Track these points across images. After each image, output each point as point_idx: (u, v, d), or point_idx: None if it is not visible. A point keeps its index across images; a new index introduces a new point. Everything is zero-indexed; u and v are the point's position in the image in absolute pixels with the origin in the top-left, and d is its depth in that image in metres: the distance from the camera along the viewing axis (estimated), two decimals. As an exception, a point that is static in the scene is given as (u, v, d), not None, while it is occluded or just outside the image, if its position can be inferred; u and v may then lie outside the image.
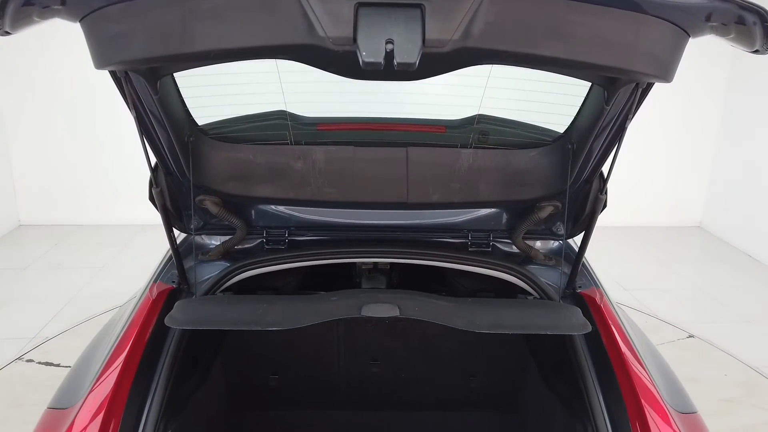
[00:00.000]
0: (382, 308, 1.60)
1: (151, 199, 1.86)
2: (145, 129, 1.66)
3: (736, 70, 6.00)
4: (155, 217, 1.84)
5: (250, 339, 2.39)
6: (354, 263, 2.42)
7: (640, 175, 6.21)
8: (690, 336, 4.20)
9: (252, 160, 1.86)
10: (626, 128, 1.61)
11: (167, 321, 1.61)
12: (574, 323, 1.63)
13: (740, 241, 5.94)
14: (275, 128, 1.86)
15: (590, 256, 2.13)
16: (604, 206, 1.88)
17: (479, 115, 1.84)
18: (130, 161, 5.20)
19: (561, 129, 1.83)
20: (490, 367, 2.49)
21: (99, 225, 6.13)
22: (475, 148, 1.87)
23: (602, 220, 1.93)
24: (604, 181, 1.83)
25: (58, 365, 3.64)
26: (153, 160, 1.80)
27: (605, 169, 1.82)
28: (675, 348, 4.01)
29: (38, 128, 5.90)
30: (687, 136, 6.30)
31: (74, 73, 5.64)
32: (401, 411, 2.55)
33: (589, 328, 1.63)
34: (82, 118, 5.88)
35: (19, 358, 3.74)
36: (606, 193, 1.81)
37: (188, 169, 1.77)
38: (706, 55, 5.90)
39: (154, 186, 1.77)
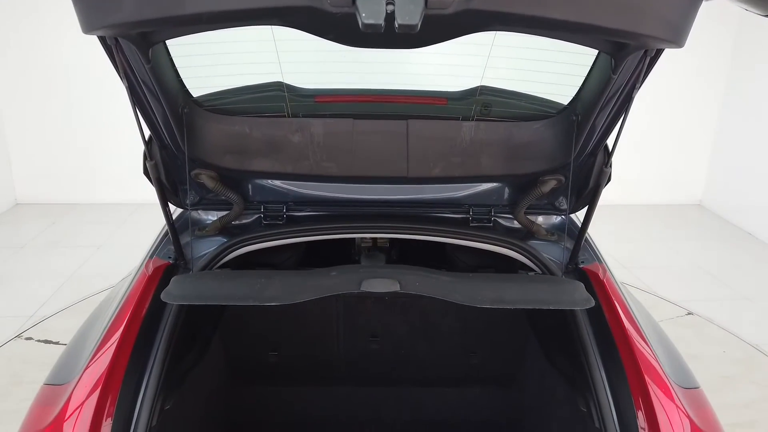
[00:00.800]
0: (382, 283, 1.58)
1: (146, 173, 1.82)
2: (137, 100, 1.61)
3: (738, 45, 5.91)
4: (152, 195, 1.80)
5: (249, 315, 2.37)
6: (353, 240, 2.40)
7: (640, 153, 6.17)
8: (689, 313, 4.21)
9: (248, 133, 1.82)
10: (633, 98, 1.57)
11: (163, 296, 1.58)
12: (577, 298, 1.61)
13: (740, 219, 5.93)
14: (272, 100, 1.81)
15: (590, 233, 2.10)
16: (609, 180, 1.84)
17: (481, 86, 1.79)
18: (126, 140, 5.14)
19: (565, 100, 1.79)
20: (490, 344, 2.48)
21: (96, 203, 6.10)
22: (477, 120, 1.82)
23: (602, 198, 1.90)
24: (608, 154, 1.78)
25: (57, 343, 3.64)
26: (147, 132, 1.75)
27: (610, 141, 1.78)
28: (674, 325, 4.02)
29: (34, 107, 5.83)
30: (688, 114, 6.25)
31: (71, 50, 5.56)
32: (401, 387, 2.55)
33: (592, 303, 1.61)
34: (78, 97, 5.81)
35: (18, 336, 3.74)
36: (610, 166, 1.77)
37: (183, 141, 1.73)
38: (709, 32, 5.81)
39: (148, 159, 1.72)
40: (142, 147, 1.73)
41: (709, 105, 6.21)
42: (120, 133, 5.66)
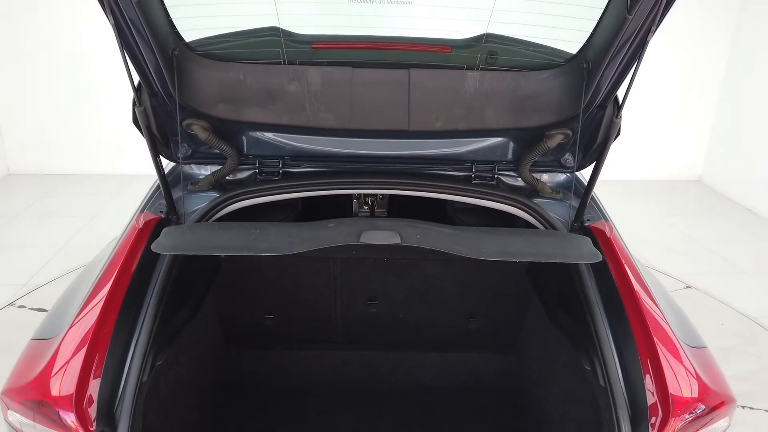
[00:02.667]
0: (382, 235, 1.51)
1: (135, 121, 1.74)
2: (125, 41, 1.52)
3: (740, 22, 5.82)
4: (147, 167, 1.72)
5: (244, 277, 2.31)
6: (351, 199, 2.33)
7: (640, 129, 6.09)
8: (687, 287, 4.19)
9: (242, 80, 1.73)
10: (647, 44, 1.49)
11: (154, 247, 1.52)
12: (584, 252, 1.55)
13: (740, 195, 5.91)
14: (267, 45, 1.72)
15: (596, 191, 2.04)
16: (618, 134, 1.77)
17: (487, 33, 1.70)
18: (121, 111, 5.03)
19: (576, 48, 1.70)
20: (490, 308, 2.44)
21: (90, 174, 6.00)
22: (482, 70, 1.74)
23: (602, 174, 1.85)
24: (618, 106, 1.71)
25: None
26: (136, 78, 1.67)
27: (620, 93, 1.71)
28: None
29: (26, 76, 5.69)
30: (689, 90, 6.17)
31: (63, 18, 5.41)
32: (398, 352, 2.51)
33: (600, 258, 1.55)
34: (71, 68, 5.67)
35: (11, 304, 3.69)
36: (620, 117, 1.69)
37: (173, 87, 1.65)
38: (710, 9, 5.73)
39: (137, 105, 1.64)
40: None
41: (709, 81, 6.13)
42: (115, 104, 5.54)
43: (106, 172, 5.98)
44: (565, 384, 1.99)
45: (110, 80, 5.45)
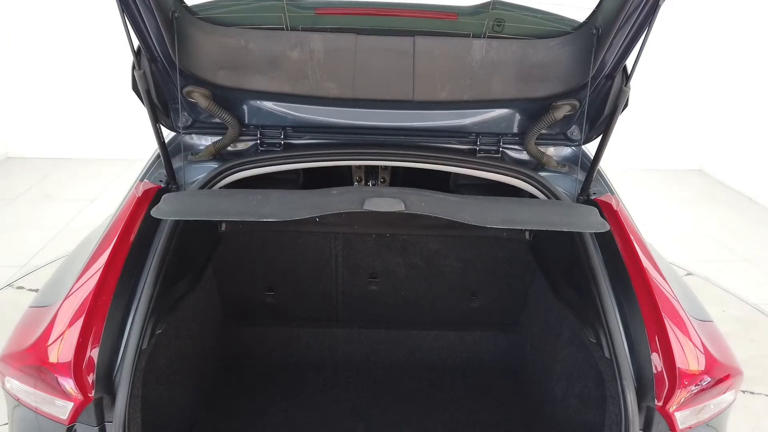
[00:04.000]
0: (386, 202, 1.48)
1: (135, 88, 1.70)
2: (124, 2, 1.49)
3: (741, 11, 5.78)
4: (147, 151, 1.68)
5: (244, 252, 2.29)
6: (353, 172, 2.30)
7: (641, 119, 6.06)
8: (688, 274, 4.17)
9: (243, 46, 1.70)
10: (658, 8, 1.46)
11: (154, 212, 1.49)
12: (591, 221, 1.52)
13: (741, 184, 5.89)
14: (269, 10, 1.68)
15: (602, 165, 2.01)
16: (626, 105, 1.74)
17: (494, 0, 1.67)
18: (121, 95, 4.99)
19: (585, 14, 1.67)
20: (492, 286, 2.42)
21: (88, 159, 5.96)
22: (489, 37, 1.70)
23: (602, 162, 1.82)
24: (627, 75, 1.68)
25: (48, 291, 3.57)
26: (136, 43, 1.63)
27: (629, 64, 1.68)
28: (674, 284, 3.97)
29: (24, 60, 5.63)
30: (689, 80, 6.14)
31: (61, 3, 5.35)
32: (399, 330, 2.49)
33: (608, 227, 1.53)
34: (71, 51, 5.61)
35: (9, 285, 3.67)
36: (629, 87, 1.66)
37: (173, 51, 1.61)
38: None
39: (137, 68, 1.61)
40: (136, 102, 1.63)
41: (710, 71, 6.10)
42: (114, 89, 5.48)
43: (105, 156, 5.94)
44: (567, 360, 1.97)
45: (112, 66, 5.39)
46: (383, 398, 2.30)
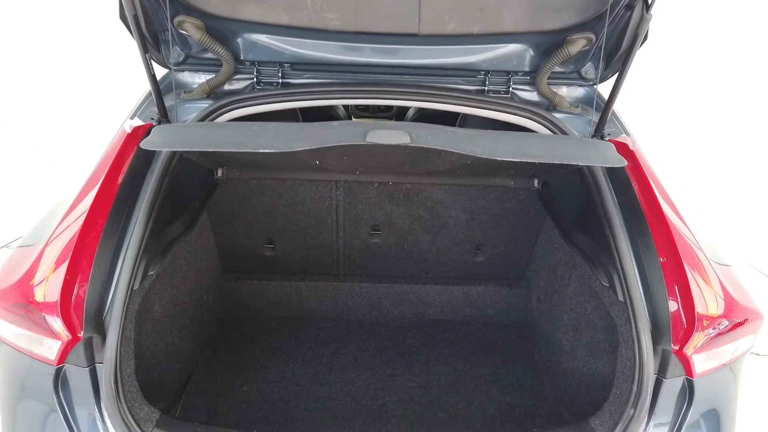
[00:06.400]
0: (390, 135, 1.38)
1: (122, 17, 1.59)
2: None
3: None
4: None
5: (241, 201, 2.20)
6: (355, 114, 2.20)
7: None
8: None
9: None
10: None
11: (143, 144, 1.39)
12: (608, 156, 1.43)
13: None
14: None
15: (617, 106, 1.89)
16: (645, 39, 1.63)
17: None
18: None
19: None
20: (498, 239, 2.34)
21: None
22: None
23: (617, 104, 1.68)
24: (648, 3, 1.56)
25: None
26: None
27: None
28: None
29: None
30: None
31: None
32: (402, 284, 2.42)
33: (625, 162, 1.43)
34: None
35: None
36: (651, 15, 1.55)
37: None
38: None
39: None
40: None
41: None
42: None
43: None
44: (575, 310, 1.91)
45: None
46: (385, 352, 2.25)
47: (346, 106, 2.89)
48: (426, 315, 2.46)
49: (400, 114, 2.68)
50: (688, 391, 1.41)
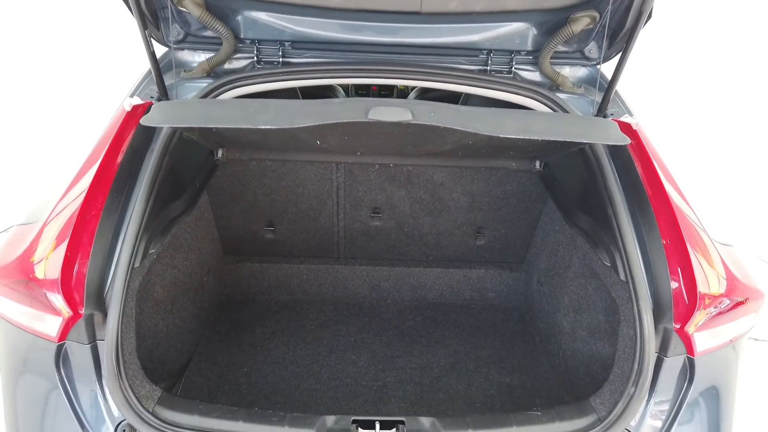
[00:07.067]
0: (392, 112, 1.37)
1: None
2: None
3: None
4: None
5: (242, 183, 2.19)
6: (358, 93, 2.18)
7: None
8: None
9: None
10: None
11: (143, 120, 1.38)
12: (612, 133, 1.42)
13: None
14: None
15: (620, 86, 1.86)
16: (649, 17, 1.61)
17: None
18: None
19: None
20: (498, 222, 2.33)
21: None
22: None
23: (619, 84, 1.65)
24: None
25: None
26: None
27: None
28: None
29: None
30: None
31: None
32: (402, 267, 2.42)
33: (628, 141, 1.42)
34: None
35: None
36: None
37: None
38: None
39: None
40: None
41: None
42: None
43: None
44: (576, 292, 1.91)
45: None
46: (385, 334, 2.25)
47: (346, 89, 2.87)
48: (426, 298, 2.46)
49: (400, 96, 2.66)
50: (688, 370, 1.42)
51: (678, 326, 1.40)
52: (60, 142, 4.81)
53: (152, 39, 1.71)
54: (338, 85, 2.44)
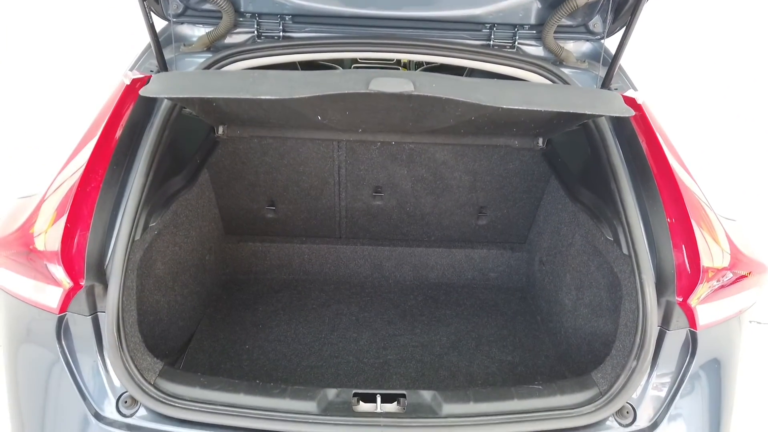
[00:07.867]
0: (394, 83, 1.35)
1: None
2: None
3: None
4: None
5: (243, 161, 2.18)
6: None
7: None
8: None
9: None
10: None
11: (143, 91, 1.37)
12: (616, 105, 1.40)
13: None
14: None
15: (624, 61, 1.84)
16: None
17: None
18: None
19: None
20: (501, 201, 2.32)
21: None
22: None
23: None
24: None
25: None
26: None
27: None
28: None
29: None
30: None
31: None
32: (404, 247, 2.41)
33: (633, 113, 1.40)
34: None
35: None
36: None
37: None
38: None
39: None
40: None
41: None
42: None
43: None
44: (578, 270, 1.90)
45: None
46: (387, 313, 2.25)
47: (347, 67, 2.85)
48: (428, 278, 2.46)
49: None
50: (691, 343, 1.41)
51: (680, 299, 1.39)
52: (59, 142, 4.77)
53: (152, 12, 1.69)
54: (340, 61, 2.41)
